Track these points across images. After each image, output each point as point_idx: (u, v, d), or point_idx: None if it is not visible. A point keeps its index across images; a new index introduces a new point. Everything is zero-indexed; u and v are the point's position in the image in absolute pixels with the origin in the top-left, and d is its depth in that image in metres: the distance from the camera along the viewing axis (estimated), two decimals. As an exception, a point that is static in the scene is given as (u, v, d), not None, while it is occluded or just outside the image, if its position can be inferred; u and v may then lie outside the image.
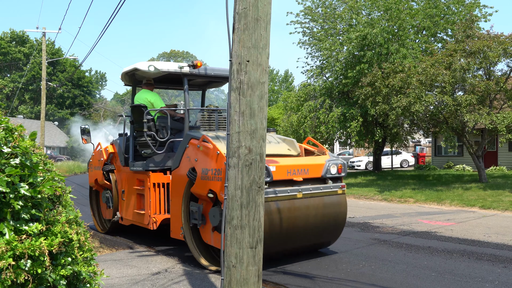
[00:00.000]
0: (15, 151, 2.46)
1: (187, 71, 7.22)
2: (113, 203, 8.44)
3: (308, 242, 6.63)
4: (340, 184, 6.75)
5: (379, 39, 19.06)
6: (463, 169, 24.05)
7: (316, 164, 6.54)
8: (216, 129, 7.47)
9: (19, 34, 58.59)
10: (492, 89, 14.98)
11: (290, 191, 6.05)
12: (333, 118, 20.64)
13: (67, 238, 2.52)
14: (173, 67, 7.30)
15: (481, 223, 9.83)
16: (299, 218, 6.16)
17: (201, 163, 6.09)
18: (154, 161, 7.32)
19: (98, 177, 8.91)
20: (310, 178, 6.40)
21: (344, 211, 6.78)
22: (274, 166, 5.95)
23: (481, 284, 5.39)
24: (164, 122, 7.38)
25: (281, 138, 7.14)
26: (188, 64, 7.18)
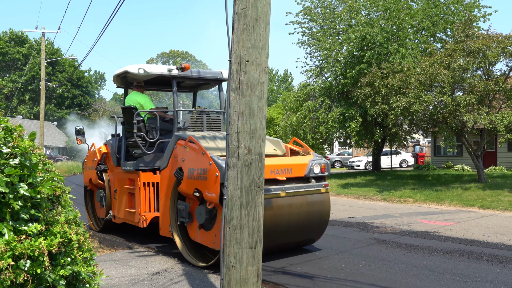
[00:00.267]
0: (14, 151, 2.46)
1: (175, 74, 7.49)
2: (106, 202, 8.68)
3: (292, 239, 6.74)
4: (323, 183, 6.93)
5: (379, 38, 19.06)
6: (462, 169, 24.07)
7: (300, 163, 6.69)
8: (204, 129, 7.71)
9: (18, 34, 58.56)
10: (491, 89, 14.99)
11: (274, 189, 6.21)
12: (332, 118, 20.64)
13: (67, 238, 2.52)
14: (162, 70, 7.56)
15: (480, 223, 9.84)
16: (282, 216, 6.32)
17: (187, 163, 6.29)
18: (144, 161, 7.54)
19: (92, 177, 9.14)
20: (294, 177, 6.55)
21: (328, 209, 6.97)
22: None
23: (480, 284, 5.40)
24: (153, 123, 7.62)
25: (267, 138, 7.26)
26: (177, 67, 7.49)
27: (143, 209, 7.39)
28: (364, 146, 24.55)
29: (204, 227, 6.27)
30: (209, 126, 7.86)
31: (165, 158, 6.97)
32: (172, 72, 7.50)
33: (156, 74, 7.58)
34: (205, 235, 6.30)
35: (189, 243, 6.69)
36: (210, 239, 6.19)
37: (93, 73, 71.54)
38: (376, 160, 25.06)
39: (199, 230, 6.36)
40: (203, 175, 5.94)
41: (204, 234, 6.32)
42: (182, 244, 6.65)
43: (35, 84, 56.12)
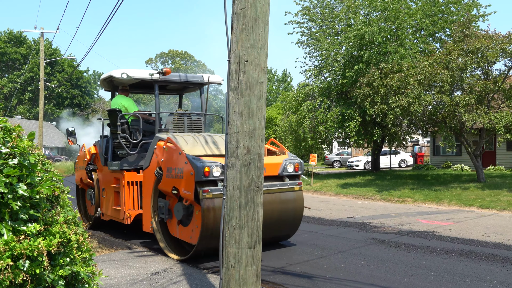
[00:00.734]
0: (13, 151, 2.46)
1: (157, 78, 7.90)
2: (95, 200, 9.08)
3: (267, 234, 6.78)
4: (297, 181, 7.28)
5: (377, 37, 19.07)
6: (461, 168, 24.09)
7: (274, 163, 7.05)
8: (185, 131, 8.14)
9: (17, 35, 58.49)
10: (490, 88, 15.00)
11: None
12: (331, 118, 20.64)
13: (66, 238, 2.52)
14: (144, 75, 7.98)
15: (479, 223, 9.85)
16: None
17: (166, 162, 6.67)
18: (128, 161, 7.94)
19: (83, 176, 9.62)
20: (268, 176, 6.79)
21: (301, 206, 7.32)
22: None
23: (479, 283, 5.40)
24: (137, 125, 8.06)
25: None
26: (158, 71, 7.87)
27: (127, 206, 7.76)
28: (363, 146, 24.55)
29: (182, 223, 6.67)
30: (190, 127, 8.29)
31: (147, 158, 7.35)
32: (154, 77, 7.88)
33: (138, 78, 8.01)
34: (183, 231, 6.69)
35: (169, 237, 7.08)
36: (188, 234, 6.57)
37: (92, 73, 71.50)
38: (375, 160, 25.06)
39: (178, 226, 6.77)
40: (179, 174, 6.31)
41: (182, 230, 6.71)
42: (162, 239, 7.04)
43: (34, 84, 56.07)
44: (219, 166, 6.20)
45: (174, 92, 9.90)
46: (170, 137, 6.75)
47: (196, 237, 6.30)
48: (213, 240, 6.16)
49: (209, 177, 6.14)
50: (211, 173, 6.15)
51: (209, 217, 6.09)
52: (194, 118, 8.43)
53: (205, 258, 6.62)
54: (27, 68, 55.23)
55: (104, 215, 8.74)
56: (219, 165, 6.21)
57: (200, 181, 6.10)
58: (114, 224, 9.10)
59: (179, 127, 8.16)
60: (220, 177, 6.19)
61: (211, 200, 6.14)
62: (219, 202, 6.07)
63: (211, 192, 6.13)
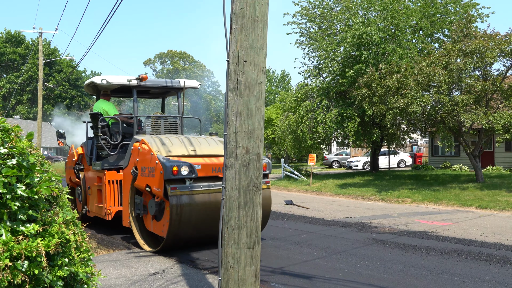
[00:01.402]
0: (12, 151, 2.46)
1: (134, 84, 8.45)
2: (82, 198, 9.64)
3: None
4: (264, 180, 7.70)
5: (375, 37, 19.08)
6: (460, 169, 24.10)
7: None
8: (162, 133, 8.71)
9: (15, 35, 58.37)
10: (488, 89, 15.02)
11: (215, 185, 7.09)
12: (330, 118, 20.64)
13: (64, 238, 2.52)
14: (123, 80, 8.55)
15: (478, 223, 9.86)
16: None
17: (140, 162, 7.25)
18: (108, 161, 8.52)
19: (72, 175, 10.26)
20: None
21: (269, 203, 7.82)
22: (199, 164, 7.08)
23: (478, 283, 5.41)
24: (117, 127, 8.71)
25: (220, 140, 8.27)
26: (135, 78, 8.36)
27: (108, 203, 8.31)
28: (362, 146, 24.55)
29: (156, 218, 7.23)
30: (166, 129, 8.87)
31: (126, 158, 7.94)
32: (132, 82, 8.43)
33: (117, 84, 8.61)
34: (156, 225, 7.25)
35: (144, 231, 7.71)
36: (160, 229, 7.13)
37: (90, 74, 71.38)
38: (374, 160, 25.07)
39: (152, 221, 7.35)
40: (151, 172, 6.90)
41: (156, 224, 7.27)
42: (138, 233, 7.66)
43: (32, 84, 55.97)
44: (187, 166, 6.80)
45: (156, 96, 10.37)
46: (144, 139, 7.36)
47: (166, 231, 6.85)
48: (181, 233, 6.82)
49: (178, 176, 6.69)
50: (179, 172, 6.70)
51: (176, 212, 6.61)
52: (170, 121, 9.02)
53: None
54: (26, 68, 55.13)
55: (90, 212, 9.27)
56: (187, 165, 6.82)
57: (169, 179, 6.66)
58: (114, 224, 9.21)
59: (156, 129, 8.73)
60: (188, 176, 6.78)
61: (179, 196, 6.68)
62: (186, 199, 6.74)
63: (179, 190, 6.69)
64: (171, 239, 6.83)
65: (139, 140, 7.51)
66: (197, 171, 6.95)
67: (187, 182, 6.81)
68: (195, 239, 7.25)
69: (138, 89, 8.75)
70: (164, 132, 8.77)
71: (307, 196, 16.86)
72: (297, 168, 25.52)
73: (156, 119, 8.85)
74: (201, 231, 7.09)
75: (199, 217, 6.88)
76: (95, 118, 8.62)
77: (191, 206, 6.78)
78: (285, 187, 20.48)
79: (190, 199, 6.80)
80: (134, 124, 8.67)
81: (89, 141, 9.47)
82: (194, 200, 6.84)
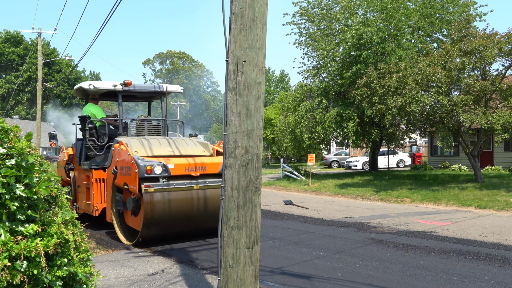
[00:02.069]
0: (10, 152, 2.45)
1: (120, 89, 9.01)
2: (72, 196, 10.07)
3: (208, 224, 8.03)
4: None
5: (375, 37, 19.08)
6: (459, 169, 24.12)
7: (214, 162, 8.07)
8: (145, 134, 9.28)
9: (14, 35, 58.27)
10: (487, 89, 15.02)
11: (187, 183, 7.62)
12: (329, 118, 20.64)
13: (63, 239, 2.51)
14: (109, 86, 9.14)
15: (477, 223, 9.87)
16: (197, 205, 7.71)
17: (120, 162, 7.78)
18: (95, 161, 9.04)
19: (63, 175, 10.63)
20: (210, 173, 7.94)
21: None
22: (172, 164, 7.54)
23: (477, 283, 5.41)
24: (103, 130, 9.27)
25: (199, 142, 8.89)
26: (120, 83, 8.93)
27: (95, 200, 8.81)
28: (362, 146, 24.55)
29: (134, 214, 7.77)
30: (150, 131, 9.45)
31: (109, 159, 8.41)
32: (117, 87, 9.01)
33: (104, 89, 9.22)
34: (134, 220, 7.79)
35: (124, 226, 8.23)
36: (137, 223, 7.64)
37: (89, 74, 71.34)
38: (373, 160, 25.07)
39: (131, 216, 7.91)
40: (128, 171, 7.42)
41: (134, 219, 7.82)
42: (119, 228, 8.18)
43: (31, 84, 55.88)
44: (160, 165, 7.35)
45: (142, 100, 11.02)
46: (122, 141, 7.90)
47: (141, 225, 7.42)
48: (154, 227, 7.36)
49: (151, 175, 7.24)
50: (152, 171, 7.25)
51: (150, 208, 7.15)
52: (154, 123, 9.65)
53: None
54: (25, 68, 55.04)
55: (79, 209, 9.73)
56: (161, 164, 7.37)
57: (143, 177, 7.19)
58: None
59: (140, 131, 9.36)
60: (161, 175, 7.34)
61: (152, 194, 7.21)
62: (159, 196, 7.28)
63: (152, 187, 7.21)
64: (145, 233, 7.40)
65: (119, 141, 8.03)
66: (170, 170, 7.46)
67: (161, 180, 7.35)
68: (168, 233, 7.80)
69: (123, 93, 9.29)
70: (148, 133, 9.36)
71: (306, 196, 16.86)
72: (297, 168, 25.53)
73: (140, 121, 9.51)
74: (174, 226, 7.65)
75: (172, 213, 7.41)
76: (83, 121, 9.28)
77: (163, 203, 7.31)
78: (284, 187, 20.47)
79: (163, 196, 7.33)
80: (119, 126, 9.26)
81: (78, 142, 10.02)
82: (167, 197, 7.37)
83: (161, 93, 9.77)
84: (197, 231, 8.20)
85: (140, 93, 9.69)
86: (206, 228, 8.17)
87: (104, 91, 9.36)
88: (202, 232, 8.34)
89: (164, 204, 7.31)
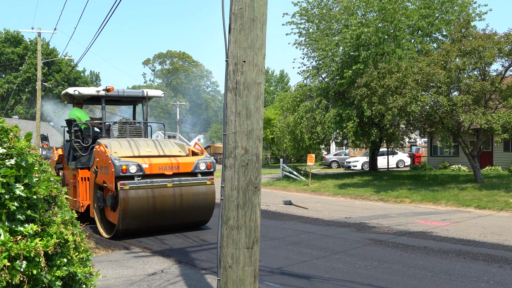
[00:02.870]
0: (10, 151, 2.45)
1: (102, 94, 9.75)
2: None
3: (183, 219, 8.83)
4: (209, 177, 8.89)
5: (373, 38, 19.07)
6: (458, 169, 24.12)
7: (187, 162, 8.71)
8: (127, 136, 9.88)
9: (14, 34, 58.19)
10: (487, 89, 15.02)
11: (161, 181, 8.28)
12: (329, 118, 20.64)
13: (63, 239, 2.51)
14: (92, 91, 9.86)
15: (476, 223, 9.87)
16: (170, 201, 8.35)
17: (99, 162, 8.46)
18: (81, 161, 9.66)
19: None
20: (183, 172, 8.60)
21: (212, 197, 8.90)
22: (147, 164, 8.21)
23: (476, 284, 5.42)
24: (88, 132, 9.98)
25: (176, 143, 9.47)
26: (103, 89, 9.72)
27: (81, 197, 9.42)
28: (361, 147, 24.55)
29: (113, 209, 8.37)
30: (132, 133, 10.07)
31: (92, 159, 9.04)
32: (100, 93, 9.73)
33: (88, 94, 9.89)
34: (114, 215, 8.37)
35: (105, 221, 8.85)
36: (116, 218, 8.22)
37: (89, 74, 71.30)
38: (373, 161, 25.07)
39: (111, 212, 8.52)
40: (106, 171, 8.11)
41: (113, 214, 8.43)
42: (99, 222, 8.83)
43: (31, 84, 55.82)
44: (135, 165, 8.01)
45: (127, 103, 11.73)
46: (101, 142, 8.53)
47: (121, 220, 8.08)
48: (129, 221, 8.04)
49: (127, 173, 7.91)
50: (128, 170, 7.92)
51: (125, 204, 7.86)
52: (135, 126, 10.31)
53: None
54: (24, 68, 54.98)
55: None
56: (135, 164, 8.03)
57: (119, 176, 7.87)
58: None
59: (122, 133, 10.00)
60: (136, 173, 8.00)
61: (128, 191, 7.90)
62: (133, 193, 7.95)
63: (127, 185, 7.89)
64: (122, 227, 8.08)
65: (99, 143, 8.65)
66: (145, 170, 8.13)
67: (136, 178, 8.02)
68: (143, 227, 8.46)
69: (106, 98, 9.99)
70: (130, 135, 9.99)
71: (306, 196, 16.86)
72: (296, 168, 25.53)
73: (122, 124, 10.14)
74: (149, 220, 8.32)
75: (145, 209, 8.10)
76: (69, 124, 10.07)
77: (138, 199, 8.00)
78: (284, 187, 20.48)
79: (137, 193, 8.01)
80: (102, 128, 9.92)
81: (67, 144, 10.57)
82: (140, 194, 8.05)
83: (142, 98, 10.44)
84: (172, 225, 8.87)
85: (122, 98, 10.36)
86: (180, 223, 8.88)
87: (89, 96, 10.01)
88: (176, 227, 9.01)
89: (138, 200, 7.99)
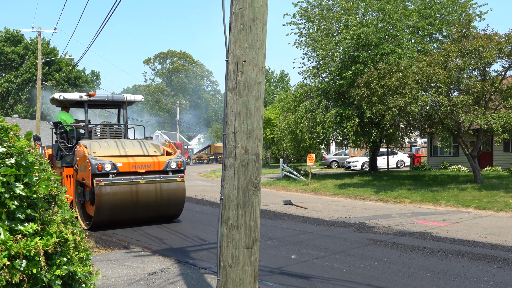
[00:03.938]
0: (10, 150, 2.45)
1: (85, 99, 10.63)
2: None
3: (156, 213, 9.70)
4: (179, 175, 9.77)
5: (372, 38, 19.06)
6: (458, 169, 24.12)
7: (159, 161, 9.58)
8: (108, 138, 10.73)
9: (14, 34, 58.17)
10: (487, 89, 15.02)
11: (134, 179, 9.17)
12: (329, 118, 20.63)
13: (63, 238, 2.51)
14: (76, 96, 10.74)
15: (476, 224, 9.87)
16: (143, 196, 9.22)
17: (79, 161, 9.40)
18: (66, 160, 10.51)
19: None
20: (154, 170, 9.46)
21: (182, 193, 9.80)
22: (121, 162, 9.07)
23: (476, 284, 5.42)
24: (72, 133, 10.86)
25: (152, 143, 10.32)
26: (85, 94, 10.67)
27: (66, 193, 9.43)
28: (361, 147, 24.54)
29: (91, 203, 9.25)
30: (112, 135, 10.95)
31: (74, 158, 9.89)
32: (83, 98, 10.61)
33: (72, 99, 10.73)
34: (91, 209, 9.29)
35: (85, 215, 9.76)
36: (93, 211, 9.06)
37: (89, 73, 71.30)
38: (372, 161, 25.07)
39: (90, 206, 9.40)
40: (84, 168, 9.04)
41: (91, 208, 9.33)
42: (81, 216, 9.71)
43: (31, 84, 55.80)
44: (109, 163, 8.86)
45: (111, 107, 12.83)
46: (81, 143, 9.42)
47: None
48: (104, 214, 8.91)
49: (102, 171, 8.76)
50: (103, 168, 8.77)
51: (100, 198, 8.72)
52: (116, 128, 11.16)
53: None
54: (24, 67, 54.96)
55: None
56: (110, 163, 8.87)
57: (95, 173, 8.71)
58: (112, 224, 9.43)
59: (104, 134, 10.84)
60: (111, 171, 8.86)
61: (103, 187, 8.76)
62: (108, 189, 8.80)
63: (102, 182, 8.76)
64: (97, 219, 8.98)
65: (79, 144, 9.50)
66: (119, 168, 8.98)
67: (110, 176, 8.86)
68: (117, 219, 9.25)
69: (88, 102, 10.85)
70: (110, 137, 10.83)
71: (306, 196, 16.86)
72: (296, 168, 25.52)
73: (104, 126, 10.98)
74: (122, 213, 9.18)
75: (119, 203, 8.95)
76: (56, 126, 11.09)
77: (112, 194, 8.85)
78: (284, 187, 20.48)
79: (111, 189, 8.86)
80: (85, 130, 10.78)
81: (55, 144, 11.35)
82: (114, 189, 8.90)
83: (122, 102, 11.34)
84: (145, 218, 9.71)
85: (104, 102, 11.24)
86: (153, 216, 9.74)
87: (73, 101, 10.85)
88: (148, 220, 9.83)
89: (112, 195, 8.85)
